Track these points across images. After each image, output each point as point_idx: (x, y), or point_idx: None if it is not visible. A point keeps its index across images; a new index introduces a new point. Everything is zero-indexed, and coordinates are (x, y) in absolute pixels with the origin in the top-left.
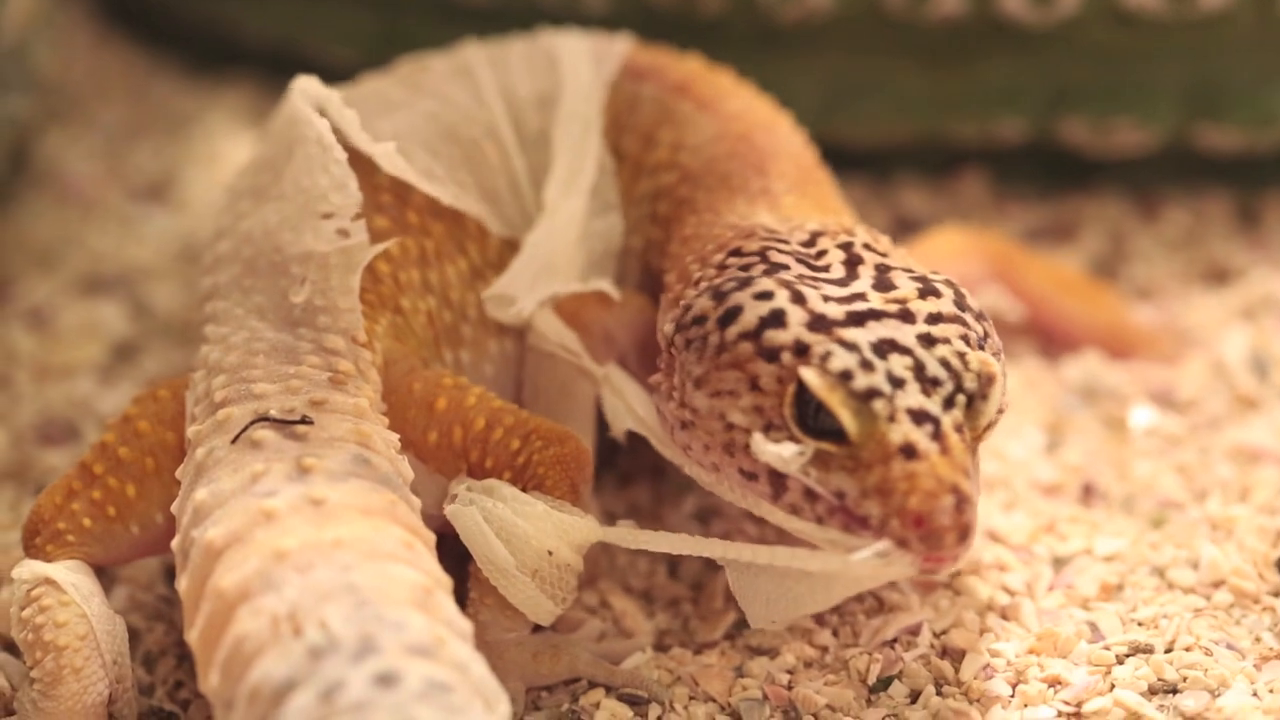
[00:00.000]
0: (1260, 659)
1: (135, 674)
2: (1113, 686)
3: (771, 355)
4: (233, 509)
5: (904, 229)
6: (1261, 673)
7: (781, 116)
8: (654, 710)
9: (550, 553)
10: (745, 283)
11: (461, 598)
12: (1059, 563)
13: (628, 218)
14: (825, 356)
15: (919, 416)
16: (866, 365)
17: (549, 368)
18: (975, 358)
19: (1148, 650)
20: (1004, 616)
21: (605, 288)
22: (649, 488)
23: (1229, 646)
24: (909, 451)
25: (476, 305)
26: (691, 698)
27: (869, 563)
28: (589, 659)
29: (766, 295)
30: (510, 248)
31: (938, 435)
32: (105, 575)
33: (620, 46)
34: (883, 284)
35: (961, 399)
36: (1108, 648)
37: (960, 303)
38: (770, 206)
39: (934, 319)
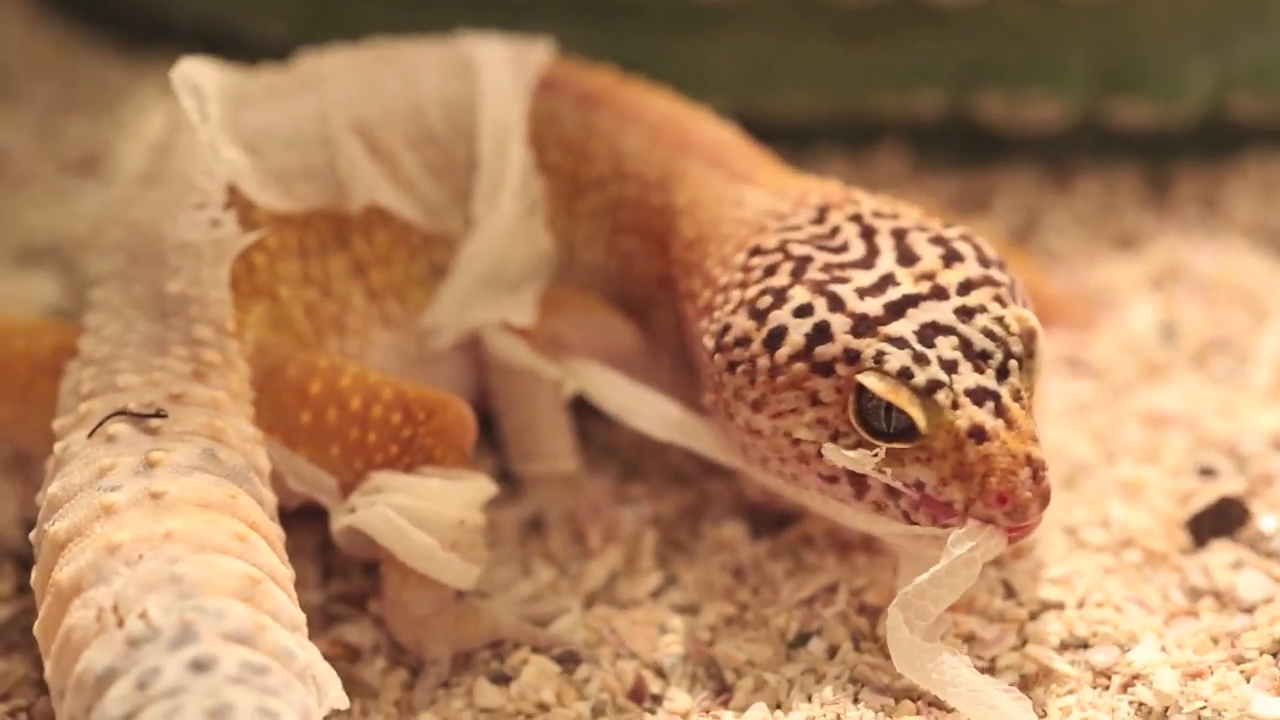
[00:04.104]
0: (1169, 615)
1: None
2: (1025, 642)
3: (826, 370)
4: (78, 503)
5: None
6: (1170, 628)
7: (701, 110)
8: (583, 668)
9: (462, 521)
10: (781, 297)
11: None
12: None
13: (573, 232)
14: (879, 358)
15: (979, 395)
16: (920, 359)
17: (507, 379)
18: (1013, 317)
19: (1059, 607)
20: None
21: (532, 293)
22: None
23: (1138, 603)
24: (978, 434)
25: (362, 295)
26: (618, 655)
27: (964, 545)
28: (513, 621)
29: (806, 310)
30: (400, 241)
31: (1000, 410)
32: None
33: (538, 55)
34: (906, 256)
35: (1014, 364)
36: (1020, 604)
37: (983, 259)
38: (753, 184)
39: (965, 288)
